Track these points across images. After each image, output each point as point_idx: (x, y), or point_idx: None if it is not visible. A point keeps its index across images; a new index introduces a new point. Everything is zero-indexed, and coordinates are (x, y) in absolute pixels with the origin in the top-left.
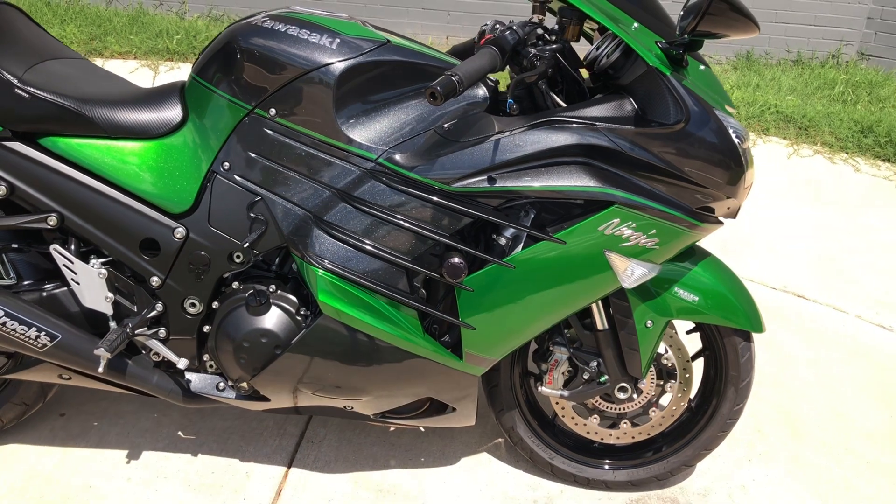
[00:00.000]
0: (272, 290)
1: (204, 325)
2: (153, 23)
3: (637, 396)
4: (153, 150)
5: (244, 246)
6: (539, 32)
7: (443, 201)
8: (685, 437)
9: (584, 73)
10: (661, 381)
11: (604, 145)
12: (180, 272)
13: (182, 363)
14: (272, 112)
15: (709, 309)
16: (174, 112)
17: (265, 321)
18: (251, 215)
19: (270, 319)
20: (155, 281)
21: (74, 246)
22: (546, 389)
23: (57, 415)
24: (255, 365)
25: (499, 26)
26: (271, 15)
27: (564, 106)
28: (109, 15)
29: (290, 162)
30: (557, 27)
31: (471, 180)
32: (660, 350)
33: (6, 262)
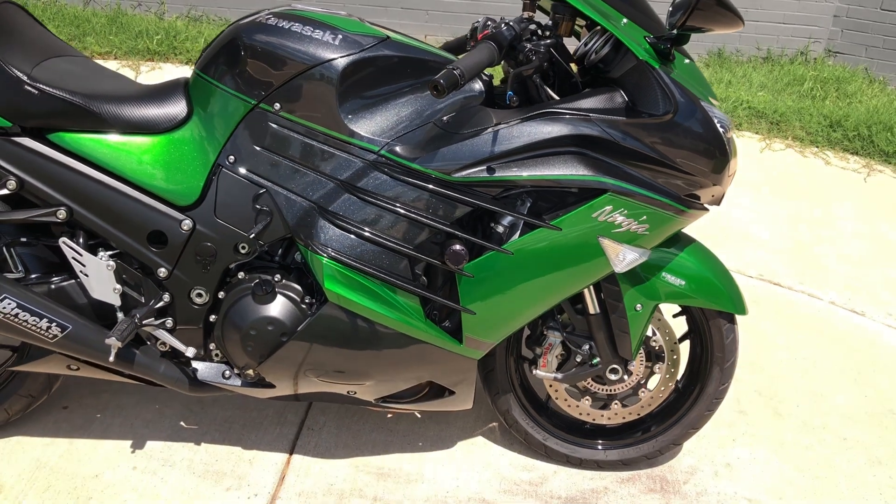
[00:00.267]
0: (277, 280)
1: (210, 315)
2: (132, 23)
3: (627, 378)
4: (160, 145)
5: (250, 237)
6: (532, 28)
7: (443, 191)
8: (673, 417)
9: (574, 68)
10: (650, 363)
11: (597, 135)
12: (187, 263)
13: (190, 352)
14: (277, 106)
15: (695, 292)
16: (179, 107)
17: (271, 309)
18: (256, 207)
19: (276, 308)
20: (162, 272)
21: (83, 239)
22: (540, 372)
23: (60, 408)
24: (262, 352)
25: (490, 23)
26: (274, 13)
27: (558, 98)
28: (88, 15)
29: (295, 155)
30: (551, 23)
31: (470, 170)
32: (648, 333)
33: (14, 256)
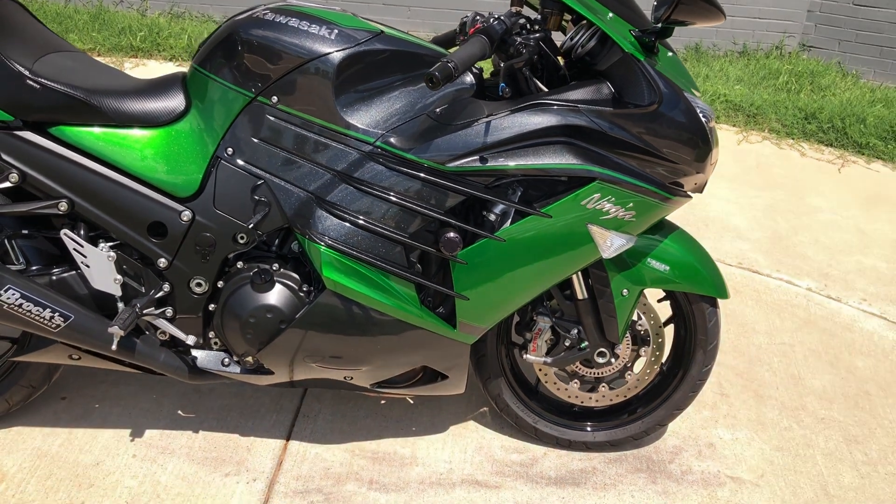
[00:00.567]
0: (276, 269)
1: (210, 304)
2: (114, 20)
3: (614, 361)
4: (159, 137)
5: (248, 227)
6: (521, 22)
7: (437, 180)
8: (658, 399)
9: (560, 61)
10: (636, 347)
11: (585, 125)
12: (187, 253)
13: (190, 340)
14: (274, 99)
15: (679, 278)
16: (177, 101)
17: (270, 297)
18: (255, 198)
19: (275, 296)
20: (162, 262)
21: (84, 230)
22: (531, 357)
23: (58, 398)
24: (261, 339)
25: (479, 17)
26: (271, 8)
27: (546, 90)
28: (70, 12)
29: (292, 146)
30: (540, 17)
31: (463, 160)
32: (634, 317)
33: (16, 248)
